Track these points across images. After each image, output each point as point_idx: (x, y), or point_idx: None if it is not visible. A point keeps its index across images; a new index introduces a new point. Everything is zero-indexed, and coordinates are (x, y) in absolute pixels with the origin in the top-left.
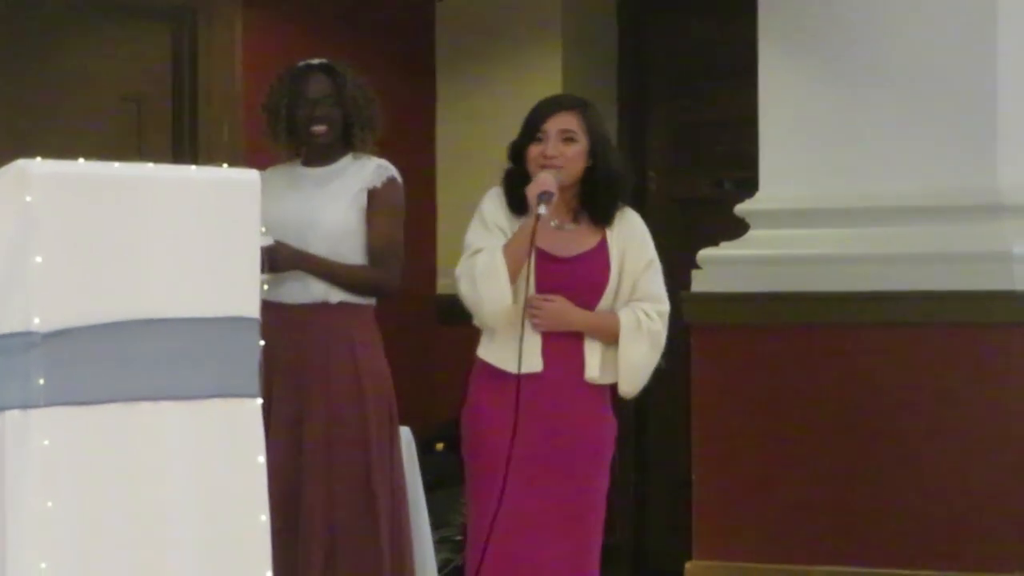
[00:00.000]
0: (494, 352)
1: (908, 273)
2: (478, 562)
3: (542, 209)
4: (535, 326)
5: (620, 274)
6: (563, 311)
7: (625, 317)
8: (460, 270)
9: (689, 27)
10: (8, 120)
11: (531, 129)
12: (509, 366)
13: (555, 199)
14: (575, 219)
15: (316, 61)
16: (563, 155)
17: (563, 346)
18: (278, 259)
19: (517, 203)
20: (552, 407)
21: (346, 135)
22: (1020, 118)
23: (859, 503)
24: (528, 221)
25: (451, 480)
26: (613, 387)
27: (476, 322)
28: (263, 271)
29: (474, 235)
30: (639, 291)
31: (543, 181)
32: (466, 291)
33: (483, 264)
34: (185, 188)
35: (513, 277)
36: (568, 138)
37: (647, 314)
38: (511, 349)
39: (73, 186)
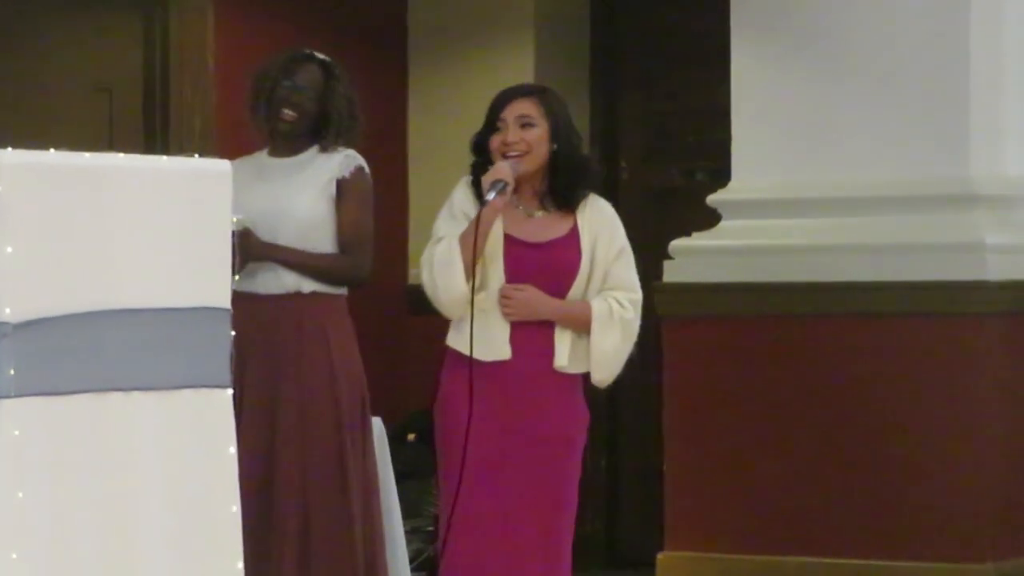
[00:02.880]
0: (463, 340)
1: (881, 263)
2: (450, 554)
3: (491, 195)
4: (506, 315)
5: (591, 261)
6: (534, 300)
7: (597, 306)
8: (423, 259)
9: (661, 17)
10: None
11: (491, 119)
12: (478, 354)
13: (509, 189)
14: (542, 205)
15: (319, 55)
16: (524, 140)
17: (533, 334)
18: (248, 248)
19: (482, 195)
20: (521, 395)
21: (316, 132)
22: (993, 108)
23: (832, 494)
24: (481, 209)
25: (422, 471)
26: (586, 377)
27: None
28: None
29: (441, 223)
30: (611, 279)
31: (499, 170)
32: (425, 280)
33: (440, 253)
34: (156, 178)
35: (469, 265)
36: (526, 123)
37: (619, 303)
38: (480, 337)
39: (44, 176)
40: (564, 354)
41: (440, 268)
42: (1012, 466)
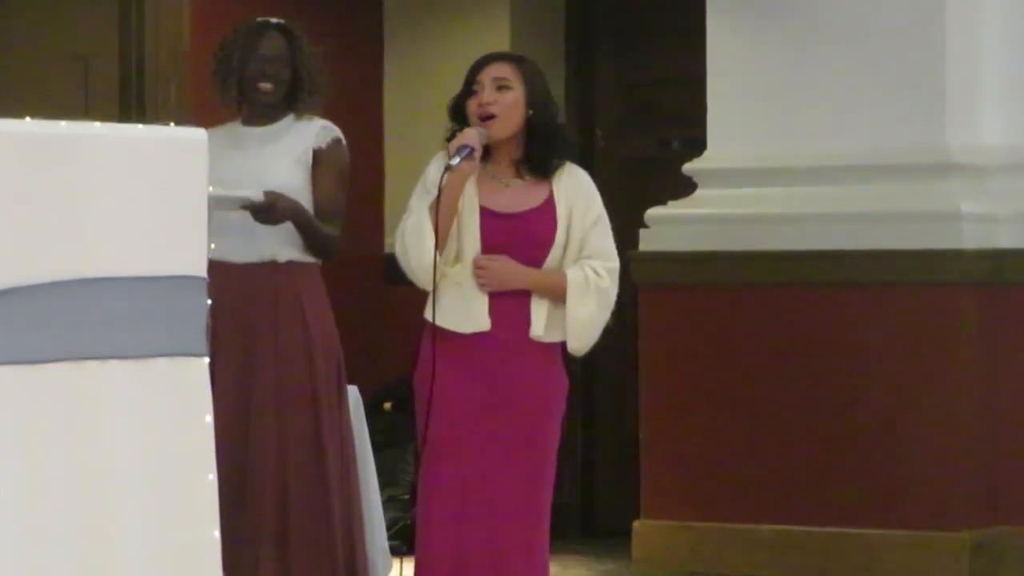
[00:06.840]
0: (440, 313)
1: (856, 232)
2: (428, 524)
3: (455, 160)
4: (481, 286)
5: (567, 230)
6: (508, 270)
7: (572, 275)
8: (397, 231)
9: None
10: None
11: (468, 83)
12: (458, 326)
13: (477, 155)
14: (518, 173)
15: (274, 20)
16: (498, 102)
17: (510, 305)
18: (277, 211)
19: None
20: (500, 366)
21: (289, 97)
22: (968, 77)
23: (807, 462)
24: (444, 174)
25: (399, 439)
26: (563, 345)
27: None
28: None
29: (415, 199)
30: (588, 248)
31: (466, 135)
32: (398, 249)
33: (411, 223)
34: (132, 147)
35: (441, 232)
36: (502, 86)
37: (596, 271)
38: (459, 309)
39: (20, 145)
40: (540, 324)
41: (411, 237)
42: (987, 435)
